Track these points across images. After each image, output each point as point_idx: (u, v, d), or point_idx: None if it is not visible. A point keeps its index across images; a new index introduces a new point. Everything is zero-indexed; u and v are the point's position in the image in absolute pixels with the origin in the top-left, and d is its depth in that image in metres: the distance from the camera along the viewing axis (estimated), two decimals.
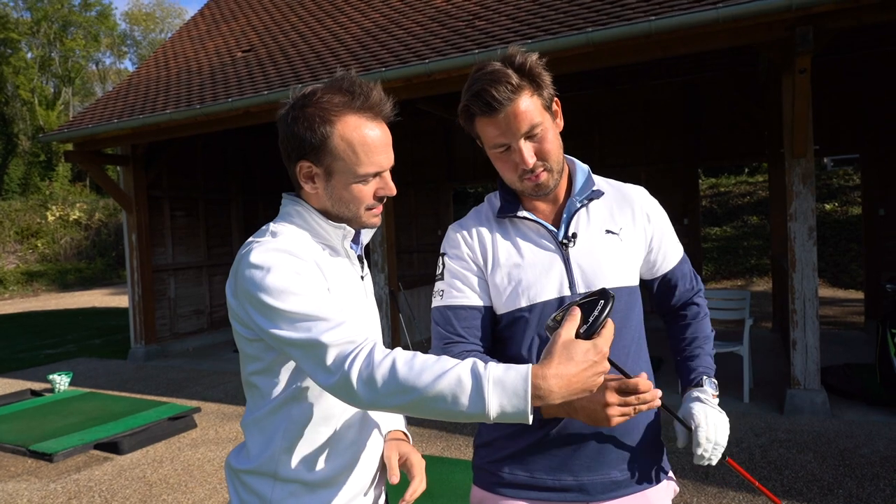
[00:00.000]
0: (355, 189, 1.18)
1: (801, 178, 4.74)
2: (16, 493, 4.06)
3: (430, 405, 0.96)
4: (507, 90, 1.21)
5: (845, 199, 15.27)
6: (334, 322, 1.05)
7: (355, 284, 1.26)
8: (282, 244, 1.13)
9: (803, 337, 4.73)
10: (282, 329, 1.06)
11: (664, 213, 1.44)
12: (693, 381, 1.39)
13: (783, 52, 4.55)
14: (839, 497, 3.37)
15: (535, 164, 1.27)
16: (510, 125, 1.24)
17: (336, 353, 1.02)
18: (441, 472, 3.99)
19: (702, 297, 1.51)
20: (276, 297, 1.06)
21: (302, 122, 1.15)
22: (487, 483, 1.39)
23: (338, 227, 1.20)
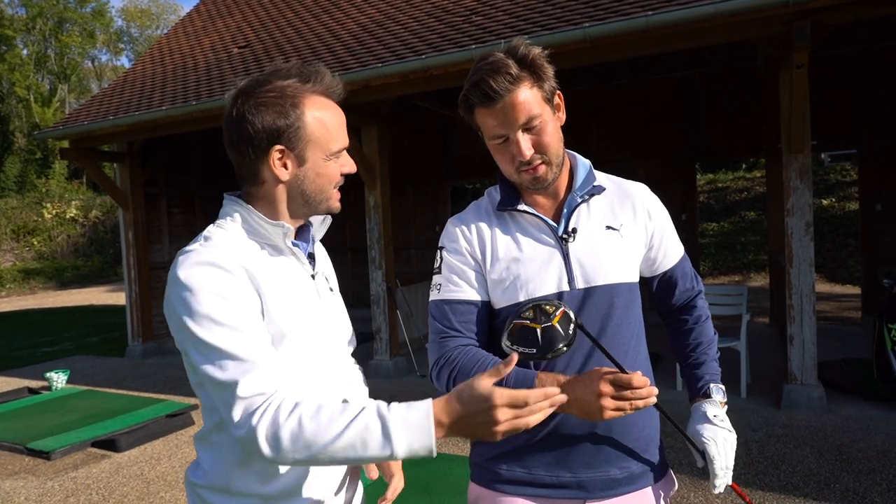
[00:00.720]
0: (328, 167, 1.17)
1: (798, 173, 4.74)
2: (13, 491, 4.06)
3: (340, 455, 0.97)
4: (505, 80, 1.20)
5: (842, 195, 15.29)
6: (250, 365, 1.01)
7: (303, 284, 1.21)
8: (209, 255, 1.07)
9: (800, 332, 4.74)
10: (198, 359, 1.03)
11: (665, 210, 1.43)
12: (701, 389, 1.39)
13: (780, 47, 4.55)
14: (836, 492, 3.38)
15: (532, 157, 1.25)
16: (508, 116, 1.23)
17: (244, 408, 0.99)
18: (438, 468, 4.00)
19: (703, 299, 1.50)
20: (196, 324, 1.02)
21: (268, 109, 1.12)
22: (485, 479, 1.38)
23: (276, 225, 1.15)
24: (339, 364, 1.27)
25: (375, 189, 6.46)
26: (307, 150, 1.14)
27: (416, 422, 0.96)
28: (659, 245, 1.40)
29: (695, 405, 1.37)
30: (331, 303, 1.29)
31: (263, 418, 0.98)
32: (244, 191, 1.21)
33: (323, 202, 1.21)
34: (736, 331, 5.16)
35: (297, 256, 1.21)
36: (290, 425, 0.97)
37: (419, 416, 0.96)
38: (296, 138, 1.13)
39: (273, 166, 1.14)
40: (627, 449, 1.30)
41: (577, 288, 1.28)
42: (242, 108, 1.13)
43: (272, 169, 1.14)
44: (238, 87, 1.16)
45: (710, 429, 1.29)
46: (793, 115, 4.57)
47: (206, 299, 1.03)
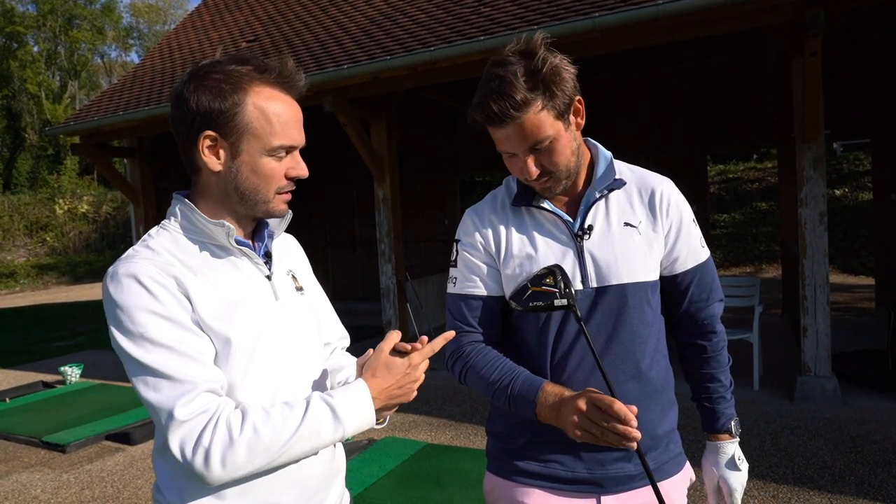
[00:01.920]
0: (266, 165, 1.06)
1: (811, 162, 4.68)
2: (29, 484, 4.11)
3: (297, 448, 0.99)
4: (509, 107, 1.15)
5: (855, 185, 15.13)
6: (188, 387, 0.96)
7: (255, 286, 1.11)
8: (138, 267, 1.00)
9: (814, 323, 4.69)
10: (135, 379, 0.98)
11: (688, 209, 1.37)
12: (723, 427, 1.39)
13: (793, 35, 4.48)
14: (851, 484, 3.36)
15: (539, 175, 1.24)
16: (514, 139, 1.20)
17: (183, 433, 0.95)
18: (451, 460, 4.00)
19: (720, 326, 1.41)
20: (130, 342, 0.97)
21: (207, 90, 1.04)
22: (501, 470, 1.38)
23: (217, 224, 1.06)
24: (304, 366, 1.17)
25: (384, 182, 6.45)
26: (242, 142, 1.05)
27: (359, 401, 1.05)
28: (675, 244, 1.33)
29: (717, 444, 1.39)
30: (295, 304, 1.19)
31: (216, 439, 0.95)
32: (192, 182, 1.13)
33: (259, 203, 1.10)
34: (748, 322, 5.12)
35: (248, 257, 1.12)
36: (246, 436, 0.96)
37: (360, 395, 1.06)
38: (229, 126, 1.04)
39: (203, 153, 1.06)
40: (644, 447, 1.27)
41: (590, 287, 1.27)
42: (186, 85, 1.06)
43: (202, 156, 1.06)
44: (194, 66, 1.09)
45: (737, 477, 1.36)
46: (806, 104, 4.51)
47: (138, 318, 0.97)
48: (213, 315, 1.03)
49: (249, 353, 1.06)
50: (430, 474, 3.81)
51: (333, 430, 1.01)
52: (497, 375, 1.30)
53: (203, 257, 1.08)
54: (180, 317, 1.00)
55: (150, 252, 1.05)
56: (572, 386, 1.25)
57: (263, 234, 1.18)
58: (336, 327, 1.37)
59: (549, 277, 1.16)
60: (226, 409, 0.98)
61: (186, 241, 1.09)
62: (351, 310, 8.40)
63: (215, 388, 0.99)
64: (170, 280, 1.01)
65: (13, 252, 22.78)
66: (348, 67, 5.68)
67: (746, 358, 5.11)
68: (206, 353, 1.01)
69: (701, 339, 1.40)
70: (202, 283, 1.04)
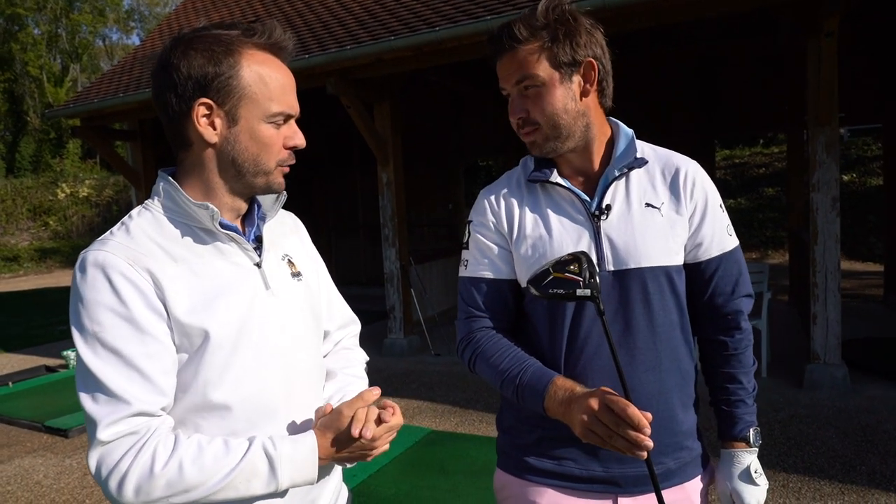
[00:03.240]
0: (265, 132, 1.00)
1: (825, 146, 4.58)
2: (32, 469, 4.09)
3: (220, 495, 0.92)
4: (507, 36, 1.17)
5: (863, 170, 14.98)
6: (121, 406, 0.89)
7: (243, 274, 1.03)
8: (107, 256, 0.93)
9: (824, 311, 4.63)
10: (78, 378, 0.92)
11: (715, 192, 1.28)
12: (740, 433, 1.27)
13: (808, 13, 4.36)
14: (862, 473, 3.30)
15: (521, 121, 1.21)
16: (503, 70, 1.21)
17: (101, 453, 0.89)
18: (456, 448, 3.96)
19: (745, 324, 1.30)
20: (82, 338, 0.91)
21: (198, 54, 0.96)
22: (512, 467, 1.32)
23: (201, 207, 0.98)
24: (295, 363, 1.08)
25: (388, 166, 6.36)
26: (240, 108, 0.98)
27: (302, 458, 0.97)
28: (698, 227, 1.24)
29: (732, 452, 1.28)
30: (289, 293, 1.10)
31: (134, 466, 0.88)
32: (177, 160, 1.05)
33: (259, 175, 1.02)
34: (757, 310, 5.05)
35: (236, 242, 1.04)
36: (169, 473, 0.89)
37: (305, 453, 0.97)
38: (226, 91, 0.97)
39: (198, 123, 0.98)
40: (663, 444, 1.20)
41: (607, 270, 1.19)
42: (173, 53, 0.98)
43: (197, 127, 0.98)
44: (177, 34, 1.02)
45: (752, 492, 1.25)
46: (821, 87, 4.40)
47: (97, 315, 0.91)
48: (190, 308, 0.95)
49: (231, 347, 0.98)
50: (434, 462, 3.77)
51: (266, 483, 0.94)
52: (507, 364, 1.23)
53: (186, 242, 1.00)
54: (143, 319, 0.92)
55: (126, 237, 0.97)
56: (586, 380, 1.18)
57: (254, 217, 1.10)
58: (340, 313, 1.29)
59: (573, 264, 1.07)
60: (155, 435, 0.91)
61: (169, 224, 1.01)
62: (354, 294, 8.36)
63: (151, 410, 0.91)
64: (141, 274, 0.93)
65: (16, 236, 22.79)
66: (351, 48, 5.57)
67: (755, 345, 5.02)
68: (162, 365, 0.93)
69: (723, 335, 1.29)
70: (182, 272, 0.97)
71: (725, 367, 1.30)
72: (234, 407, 0.98)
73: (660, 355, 1.21)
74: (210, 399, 0.97)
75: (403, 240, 6.57)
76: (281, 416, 1.04)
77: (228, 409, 0.98)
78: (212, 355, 0.97)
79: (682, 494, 1.24)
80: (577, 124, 1.20)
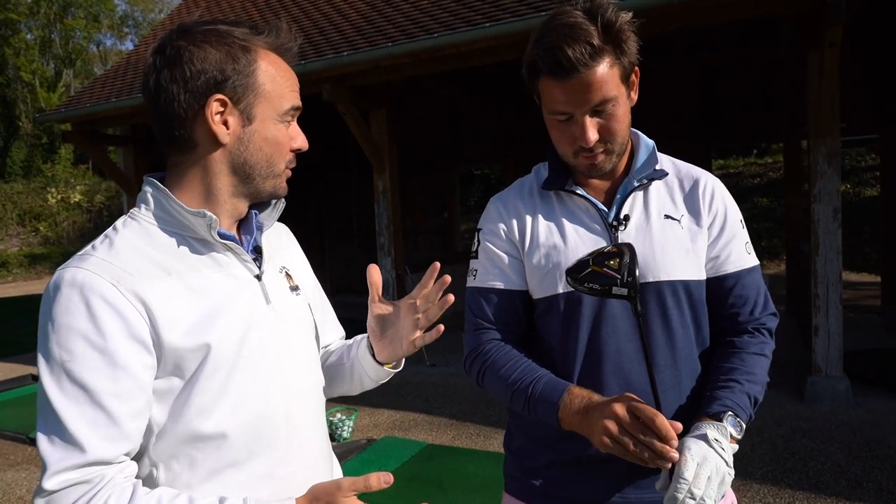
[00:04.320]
0: (279, 131, 0.95)
1: (826, 157, 4.55)
2: (14, 483, 3.96)
3: None
4: (584, 52, 1.03)
5: (857, 180, 15.05)
6: (75, 454, 0.79)
7: (241, 288, 0.95)
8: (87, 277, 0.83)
9: (825, 322, 4.58)
10: (39, 411, 0.83)
11: (734, 206, 1.22)
12: (712, 413, 1.07)
13: (810, 24, 4.33)
14: (869, 491, 3.23)
15: (595, 144, 1.10)
16: (579, 94, 1.06)
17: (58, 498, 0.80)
18: (453, 462, 3.86)
19: (766, 337, 1.20)
20: (48, 367, 0.81)
21: (214, 49, 0.89)
22: (519, 492, 1.25)
23: (197, 215, 0.90)
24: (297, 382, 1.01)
25: (384, 174, 6.29)
26: (256, 106, 0.92)
27: None
28: (716, 239, 1.18)
29: (696, 423, 1.07)
30: (289, 307, 1.03)
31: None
32: (169, 164, 0.96)
33: (269, 178, 0.96)
34: None
35: (235, 253, 0.96)
36: None
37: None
38: (243, 88, 0.90)
39: (212, 121, 0.90)
40: None
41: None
42: (179, 42, 0.90)
43: (210, 125, 0.90)
44: (175, 27, 0.93)
45: (702, 448, 1.00)
46: (822, 98, 4.37)
47: (68, 343, 0.81)
48: (186, 329, 0.87)
49: (229, 368, 0.90)
50: (432, 477, 3.67)
51: None
52: (518, 375, 1.15)
53: (180, 254, 0.91)
54: (120, 352, 0.82)
55: (109, 252, 0.87)
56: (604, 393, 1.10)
57: (252, 226, 1.01)
58: (335, 328, 1.23)
59: (614, 259, 0.99)
60: (109, 486, 0.81)
61: (161, 234, 0.92)
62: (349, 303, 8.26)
63: (109, 458, 0.82)
64: (126, 297, 0.84)
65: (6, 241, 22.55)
66: (348, 54, 5.51)
67: None
68: (132, 407, 0.84)
69: (735, 337, 1.18)
70: (176, 288, 0.88)
71: (728, 362, 1.16)
72: (231, 435, 0.90)
73: (679, 374, 1.15)
74: (203, 429, 0.88)
75: (399, 248, 6.50)
76: (282, 443, 0.95)
77: (225, 437, 0.89)
78: (208, 379, 0.88)
79: None
80: (628, 138, 1.17)
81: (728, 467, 1.00)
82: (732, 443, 1.05)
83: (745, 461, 3.64)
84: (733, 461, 1.02)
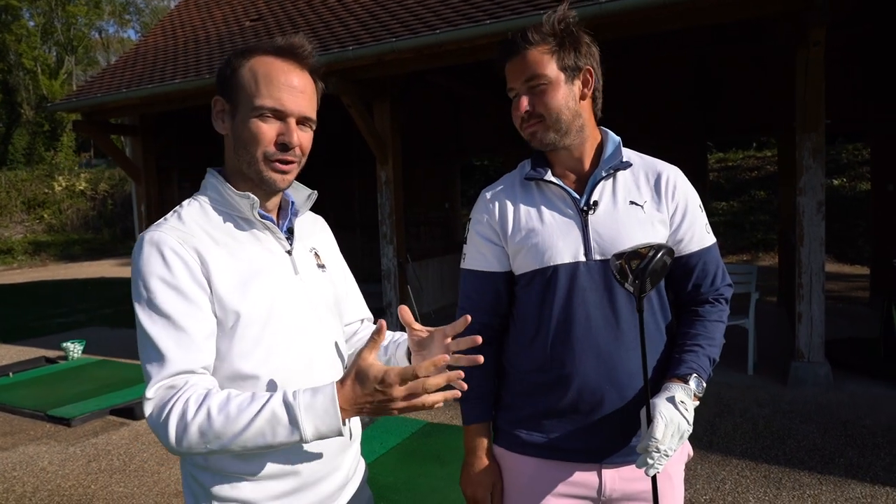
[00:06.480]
0: (253, 125, 1.11)
1: (811, 152, 4.73)
2: (37, 456, 4.19)
3: (251, 443, 1.00)
4: (526, 38, 1.30)
5: (853, 175, 15.20)
6: (166, 364, 1.02)
7: (276, 261, 1.17)
8: (163, 236, 1.08)
9: (809, 310, 4.78)
10: (139, 341, 1.07)
11: (694, 194, 1.42)
12: (680, 374, 1.29)
13: (797, 24, 4.50)
14: (840, 466, 3.45)
15: (529, 114, 1.33)
16: (517, 70, 1.32)
17: (153, 405, 1.02)
18: (451, 438, 4.09)
19: (723, 305, 1.42)
20: (139, 305, 1.06)
21: (225, 62, 1.17)
22: (506, 443, 1.44)
23: (243, 197, 1.13)
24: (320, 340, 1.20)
25: (387, 165, 6.48)
26: (238, 104, 1.13)
27: (322, 407, 0.99)
28: (678, 225, 1.38)
29: (667, 384, 1.29)
30: (315, 280, 1.23)
31: (172, 413, 1.00)
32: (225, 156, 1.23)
33: (252, 165, 1.13)
34: (745, 309, 5.20)
35: (271, 231, 1.18)
36: (199, 420, 0.99)
37: (325, 402, 0.99)
38: (230, 87, 1.14)
39: (213, 118, 1.18)
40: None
41: (594, 259, 1.33)
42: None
43: (213, 120, 1.18)
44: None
45: (670, 410, 1.22)
46: (807, 94, 4.55)
47: (151, 284, 1.05)
48: (230, 285, 1.09)
49: (262, 324, 1.11)
50: (430, 452, 3.90)
51: (289, 432, 0.99)
52: None
53: (227, 229, 1.15)
54: (189, 289, 1.06)
55: (178, 221, 1.12)
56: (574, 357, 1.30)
57: (288, 212, 1.25)
58: (359, 308, 1.42)
59: (636, 261, 1.20)
60: (191, 388, 1.02)
61: (214, 213, 1.16)
62: None
63: (192, 368, 1.04)
64: (189, 252, 1.07)
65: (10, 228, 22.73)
66: (353, 49, 5.68)
67: (742, 343, 5.20)
68: (203, 329, 1.06)
69: (698, 307, 1.41)
70: (223, 254, 1.11)
71: (692, 328, 1.39)
72: (262, 378, 1.11)
73: (630, 346, 1.33)
74: (242, 369, 1.10)
75: (401, 237, 6.69)
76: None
77: (258, 379, 1.10)
78: (245, 330, 1.10)
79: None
80: (574, 122, 1.35)
81: (688, 425, 1.23)
82: (695, 400, 1.28)
83: (727, 439, 3.87)
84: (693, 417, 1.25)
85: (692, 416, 1.24)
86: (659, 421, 1.19)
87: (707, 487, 3.29)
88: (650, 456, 1.17)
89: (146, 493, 3.59)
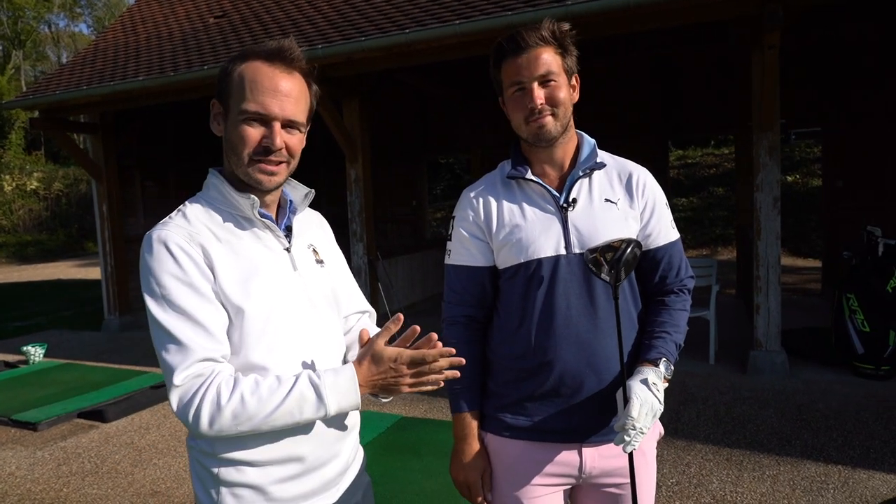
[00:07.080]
0: (240, 129, 1.16)
1: (767, 150, 4.95)
2: (3, 461, 4.09)
3: (280, 421, 1.09)
4: (536, 37, 1.38)
5: (806, 171, 15.79)
6: (189, 353, 1.08)
7: (275, 258, 1.22)
8: (169, 234, 1.13)
9: (766, 301, 5.00)
10: (154, 337, 1.12)
11: (661, 192, 1.53)
12: (651, 359, 1.40)
13: (753, 28, 4.70)
14: (796, 447, 3.65)
15: (543, 106, 1.40)
16: (529, 65, 1.38)
17: (179, 395, 1.07)
18: (426, 432, 4.16)
19: (687, 295, 1.53)
20: (154, 303, 1.11)
21: (222, 66, 1.23)
22: (493, 427, 1.53)
23: (244, 197, 1.18)
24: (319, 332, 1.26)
25: (357, 162, 6.50)
26: (230, 107, 1.18)
27: (345, 385, 1.12)
28: (647, 221, 1.49)
29: (640, 368, 1.40)
30: (313, 275, 1.29)
31: (205, 400, 1.06)
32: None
33: (240, 167, 1.18)
34: (706, 301, 5.41)
35: (270, 229, 1.23)
36: (233, 404, 1.06)
37: (346, 381, 1.12)
38: (223, 91, 1.19)
39: (211, 119, 1.23)
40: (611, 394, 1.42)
41: (574, 252, 1.42)
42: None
43: (211, 123, 1.23)
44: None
45: (644, 391, 1.32)
46: (763, 95, 4.76)
47: (164, 281, 1.10)
48: (233, 281, 1.14)
49: (265, 317, 1.16)
50: (406, 445, 3.96)
51: (316, 409, 1.10)
52: None
53: (229, 227, 1.20)
54: (200, 284, 1.12)
55: (183, 220, 1.18)
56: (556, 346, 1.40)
57: (287, 210, 1.31)
58: (357, 301, 1.47)
59: (610, 252, 1.32)
60: (220, 375, 1.09)
61: (215, 211, 1.21)
62: None
63: (214, 357, 1.10)
64: (196, 248, 1.13)
65: None
66: (322, 48, 5.68)
67: (703, 334, 5.41)
68: (218, 321, 1.12)
69: (665, 297, 1.52)
70: (226, 251, 1.16)
71: (659, 316, 1.50)
72: (270, 368, 1.16)
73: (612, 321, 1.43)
74: (251, 359, 1.15)
75: (371, 235, 6.72)
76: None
77: (265, 369, 1.16)
78: (249, 324, 1.15)
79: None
80: (570, 119, 1.46)
81: (660, 404, 1.33)
82: (665, 382, 1.39)
83: (691, 426, 4.04)
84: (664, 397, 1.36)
85: (663, 396, 1.36)
86: (634, 401, 1.29)
87: (673, 471, 3.44)
88: (627, 433, 1.27)
89: (121, 494, 3.57)
